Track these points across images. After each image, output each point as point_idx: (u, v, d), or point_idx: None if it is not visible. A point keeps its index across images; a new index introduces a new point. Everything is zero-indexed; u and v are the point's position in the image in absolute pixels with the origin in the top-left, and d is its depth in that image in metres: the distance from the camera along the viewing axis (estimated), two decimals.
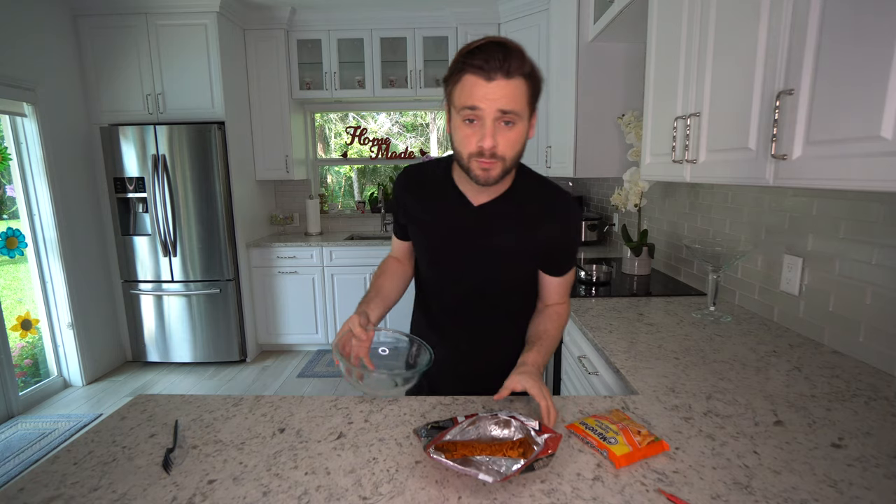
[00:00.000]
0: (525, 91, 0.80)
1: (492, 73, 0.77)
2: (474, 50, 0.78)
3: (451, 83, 0.82)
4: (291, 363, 3.44)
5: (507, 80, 0.78)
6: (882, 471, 0.70)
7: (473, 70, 0.78)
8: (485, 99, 0.78)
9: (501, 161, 0.84)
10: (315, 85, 3.61)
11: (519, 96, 0.80)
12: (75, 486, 0.69)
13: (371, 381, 0.89)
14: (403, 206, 1.04)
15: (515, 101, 0.79)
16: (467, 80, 0.79)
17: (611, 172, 2.51)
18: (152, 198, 3.15)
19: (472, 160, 0.84)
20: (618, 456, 0.71)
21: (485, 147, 0.81)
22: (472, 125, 0.81)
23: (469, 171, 0.86)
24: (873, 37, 0.73)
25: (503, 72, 0.77)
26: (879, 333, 1.08)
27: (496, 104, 0.78)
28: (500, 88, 0.78)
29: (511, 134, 0.82)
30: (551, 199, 0.97)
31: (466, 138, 0.83)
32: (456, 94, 0.81)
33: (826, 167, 0.83)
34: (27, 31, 2.75)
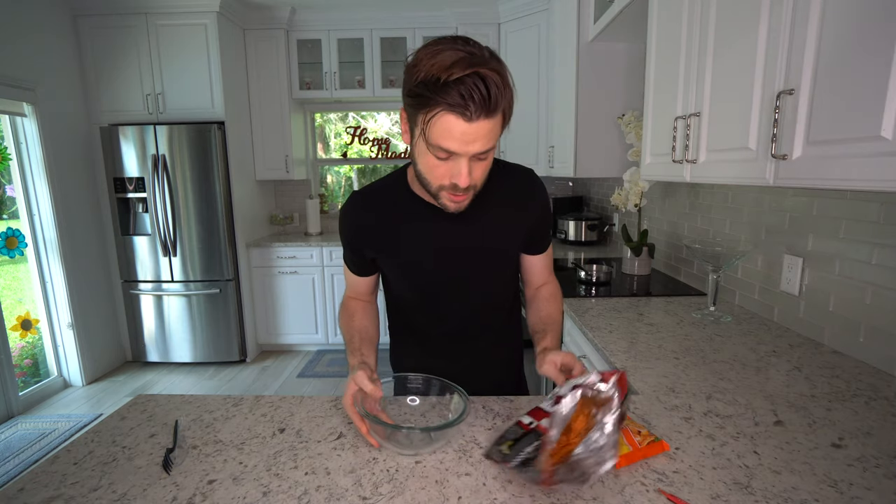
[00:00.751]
0: (500, 119, 0.73)
1: (473, 114, 0.69)
2: (454, 82, 0.67)
3: (420, 108, 0.72)
4: (291, 363, 3.44)
5: (488, 118, 0.70)
6: (882, 471, 0.70)
7: (452, 109, 0.69)
8: (463, 142, 0.71)
9: (472, 189, 0.80)
10: (315, 85, 3.61)
11: (496, 131, 0.74)
12: (75, 486, 0.69)
13: (403, 439, 0.74)
14: (364, 239, 0.93)
15: (492, 138, 0.73)
16: (444, 119, 0.70)
17: (611, 172, 2.51)
18: (152, 198, 3.15)
19: (441, 191, 0.79)
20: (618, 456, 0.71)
21: (460, 185, 0.76)
22: (445, 161, 0.75)
23: (437, 198, 0.81)
24: (873, 37, 0.73)
25: (485, 111, 0.69)
26: (879, 333, 1.08)
27: (474, 147, 0.72)
28: (480, 129, 0.70)
29: (484, 164, 0.78)
30: (519, 177, 0.95)
31: (436, 169, 0.77)
32: (429, 129, 0.72)
33: (826, 167, 0.83)
34: (27, 31, 2.75)
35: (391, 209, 0.91)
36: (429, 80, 0.69)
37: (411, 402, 0.87)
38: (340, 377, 3.18)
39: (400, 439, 0.74)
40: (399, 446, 0.75)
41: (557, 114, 2.86)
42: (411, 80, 0.73)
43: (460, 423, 0.73)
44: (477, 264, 0.94)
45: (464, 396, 0.80)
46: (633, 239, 2.26)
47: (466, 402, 0.78)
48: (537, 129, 3.18)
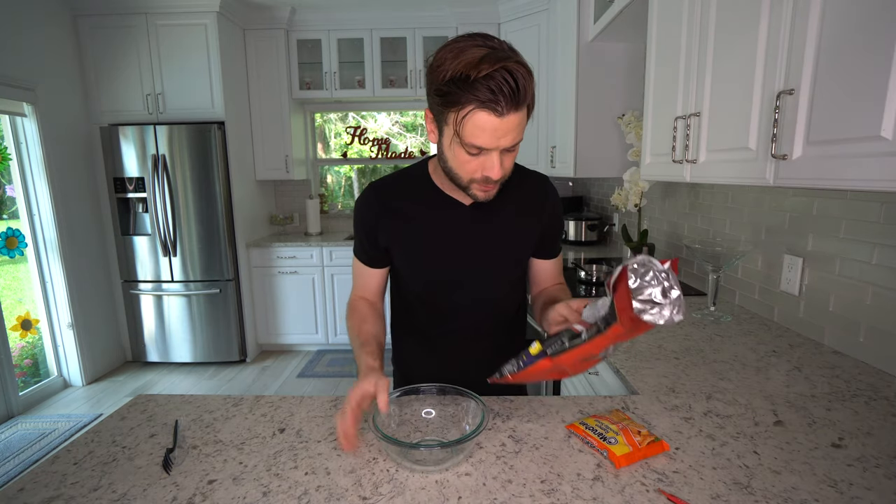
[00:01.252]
0: (526, 116, 0.76)
1: (504, 108, 0.71)
2: (484, 78, 0.69)
3: (450, 106, 0.74)
4: (291, 363, 3.44)
5: (518, 112, 0.73)
6: (882, 471, 0.70)
7: (483, 106, 0.71)
8: (495, 137, 0.74)
9: (501, 182, 0.83)
10: (315, 85, 3.61)
11: (524, 124, 0.77)
12: (75, 486, 0.69)
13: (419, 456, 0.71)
14: (379, 228, 0.93)
15: (521, 131, 0.77)
16: (476, 116, 0.72)
17: (611, 172, 2.51)
18: (152, 198, 3.15)
19: (472, 184, 0.82)
20: (618, 456, 0.71)
21: (493, 177, 0.79)
22: (479, 156, 0.78)
23: (467, 190, 0.84)
24: (873, 36, 0.73)
25: (515, 105, 0.72)
26: (879, 333, 1.08)
27: (505, 141, 0.75)
28: (510, 123, 0.73)
29: (512, 155, 0.81)
30: (534, 183, 0.98)
31: (468, 164, 0.79)
32: (461, 126, 0.74)
33: (826, 167, 0.83)
34: (27, 31, 2.75)
35: (411, 199, 0.93)
36: (457, 78, 0.71)
37: (426, 415, 0.84)
38: (340, 377, 3.18)
39: (420, 457, 0.71)
40: (422, 464, 0.71)
41: (558, 114, 2.86)
42: (438, 79, 0.74)
43: (480, 432, 0.72)
44: (487, 262, 0.94)
45: (480, 403, 0.78)
46: (633, 239, 2.26)
47: (484, 411, 0.76)
48: (537, 128, 3.18)
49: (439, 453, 0.71)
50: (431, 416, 0.84)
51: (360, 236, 0.97)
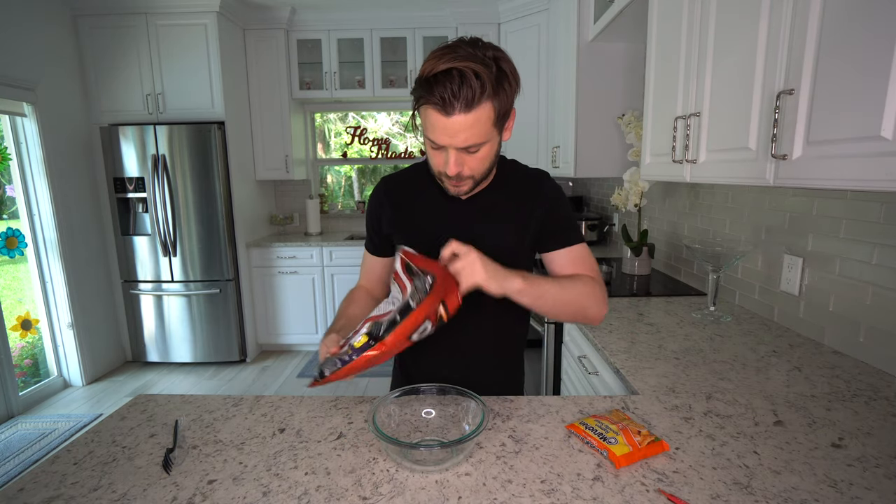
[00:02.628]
0: (490, 114, 0.76)
1: (449, 108, 0.73)
2: (435, 77, 0.73)
3: (417, 103, 0.79)
4: (291, 363, 3.44)
5: (467, 113, 0.73)
6: (882, 471, 0.70)
7: (433, 105, 0.74)
8: (445, 135, 0.76)
9: (470, 178, 0.85)
10: (315, 85, 3.61)
11: (481, 125, 0.76)
12: (75, 486, 0.69)
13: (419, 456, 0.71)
14: (383, 216, 0.99)
15: (477, 133, 0.76)
16: (428, 113, 0.76)
17: (611, 172, 2.51)
18: (152, 198, 3.15)
19: (441, 177, 0.86)
20: (618, 456, 0.71)
21: (450, 174, 0.82)
22: (438, 151, 0.81)
23: (441, 183, 0.89)
24: (873, 36, 0.73)
25: (462, 104, 0.73)
26: (879, 333, 1.08)
27: (456, 141, 0.77)
28: (459, 124, 0.74)
29: (477, 156, 0.81)
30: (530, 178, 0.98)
31: (433, 157, 0.84)
32: (422, 122, 0.80)
33: (826, 167, 0.83)
34: (27, 31, 2.75)
35: (412, 191, 0.98)
36: (420, 78, 0.76)
37: (426, 415, 0.84)
38: None
39: (420, 457, 0.71)
40: (422, 464, 0.71)
41: (558, 114, 2.86)
42: (415, 83, 0.78)
43: (480, 433, 0.72)
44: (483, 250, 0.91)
45: (480, 403, 0.78)
46: (633, 239, 2.26)
47: (484, 411, 0.76)
48: (537, 128, 3.18)
49: (439, 453, 0.71)
50: (431, 416, 0.84)
51: (368, 225, 1.04)
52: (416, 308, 0.73)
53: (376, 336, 0.74)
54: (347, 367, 0.75)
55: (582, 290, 0.90)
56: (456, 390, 0.83)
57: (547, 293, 0.85)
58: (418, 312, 0.72)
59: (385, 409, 0.80)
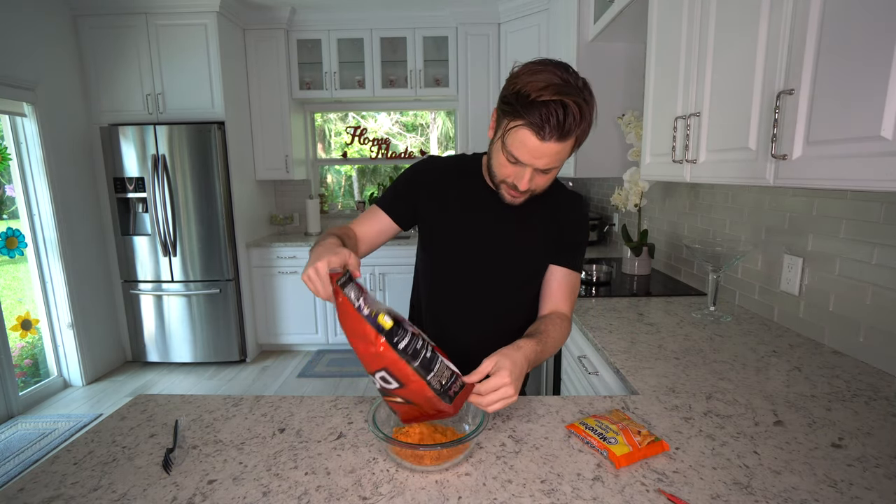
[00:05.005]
0: (573, 144, 0.82)
1: (547, 135, 0.78)
2: (540, 103, 0.76)
3: (506, 116, 0.82)
4: (291, 363, 3.44)
5: (559, 142, 0.79)
6: (882, 471, 0.70)
7: (530, 126, 0.78)
8: (532, 156, 0.81)
9: (531, 193, 0.91)
10: (315, 85, 3.61)
11: (564, 153, 0.83)
12: (75, 486, 0.69)
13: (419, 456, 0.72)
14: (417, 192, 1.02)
15: (558, 159, 0.83)
16: (521, 132, 0.80)
17: (611, 172, 2.51)
18: (152, 198, 3.15)
19: (503, 185, 0.90)
20: (618, 456, 0.71)
21: (520, 188, 0.87)
22: (514, 165, 0.85)
23: (498, 188, 0.93)
24: (873, 37, 0.73)
25: (557, 135, 0.78)
26: (879, 333, 1.08)
27: (541, 163, 0.82)
28: (549, 149, 0.80)
29: (548, 177, 0.88)
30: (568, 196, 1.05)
31: (504, 168, 0.87)
32: (507, 135, 0.82)
33: (826, 167, 0.83)
34: (27, 31, 2.75)
35: (459, 180, 1.02)
36: (520, 94, 0.78)
37: None
38: (340, 377, 3.19)
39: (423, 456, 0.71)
40: (422, 464, 0.71)
41: None
42: (509, 87, 0.82)
43: (480, 433, 0.72)
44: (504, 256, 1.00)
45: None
46: (633, 239, 2.26)
47: (484, 411, 0.76)
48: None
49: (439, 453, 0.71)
50: None
51: (398, 186, 1.05)
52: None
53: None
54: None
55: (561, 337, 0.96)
56: None
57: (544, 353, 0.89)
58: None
59: (385, 409, 0.80)
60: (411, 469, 0.71)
